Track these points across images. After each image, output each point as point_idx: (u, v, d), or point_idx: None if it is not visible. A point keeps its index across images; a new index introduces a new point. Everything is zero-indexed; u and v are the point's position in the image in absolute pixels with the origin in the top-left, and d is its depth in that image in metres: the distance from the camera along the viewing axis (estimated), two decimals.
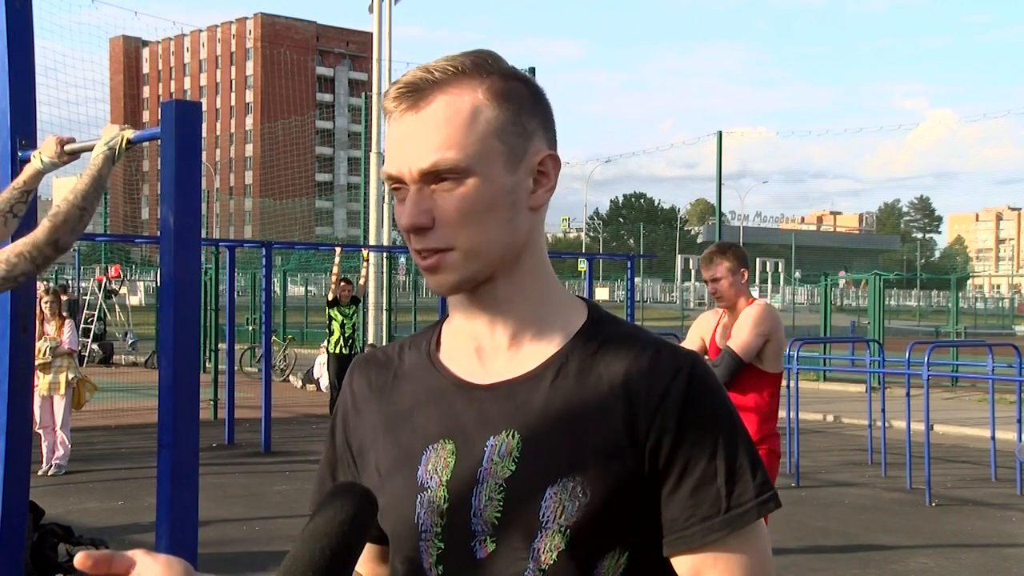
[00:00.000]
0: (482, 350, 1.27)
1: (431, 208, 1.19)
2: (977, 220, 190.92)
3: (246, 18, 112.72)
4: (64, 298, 12.07)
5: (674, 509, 1.19)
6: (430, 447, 1.25)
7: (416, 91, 1.20)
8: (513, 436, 1.21)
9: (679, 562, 1.21)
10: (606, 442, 1.19)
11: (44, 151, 3.33)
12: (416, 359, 1.33)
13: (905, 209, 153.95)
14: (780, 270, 66.16)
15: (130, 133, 3.20)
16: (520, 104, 1.23)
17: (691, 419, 1.19)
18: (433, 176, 1.19)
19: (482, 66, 1.22)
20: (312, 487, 1.40)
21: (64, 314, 10.25)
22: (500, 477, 1.20)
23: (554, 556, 1.17)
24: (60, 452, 9.90)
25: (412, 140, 1.20)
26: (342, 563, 1.05)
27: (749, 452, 1.23)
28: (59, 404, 9.89)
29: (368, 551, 1.36)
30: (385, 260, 20.01)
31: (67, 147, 3.34)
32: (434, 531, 1.22)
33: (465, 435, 1.24)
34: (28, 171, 3.34)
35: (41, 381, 9.62)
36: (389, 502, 1.26)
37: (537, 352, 1.26)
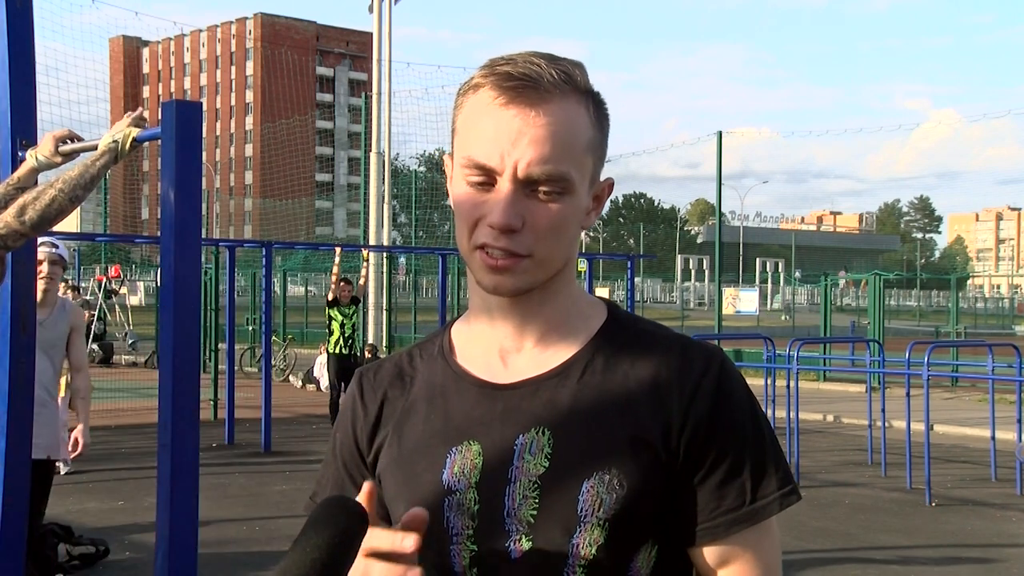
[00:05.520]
0: (506, 351, 1.27)
1: (523, 212, 1.17)
2: (977, 220, 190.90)
3: (246, 18, 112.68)
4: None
5: (700, 500, 1.21)
6: (453, 450, 1.24)
7: (538, 87, 1.17)
8: (543, 433, 1.21)
9: (703, 552, 1.22)
10: (638, 435, 1.20)
11: (41, 149, 3.35)
12: (430, 365, 1.32)
13: (905, 209, 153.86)
14: (780, 270, 66.24)
15: (136, 132, 3.20)
16: (607, 130, 1.25)
17: (722, 412, 1.22)
18: (536, 181, 1.17)
19: (585, 81, 1.22)
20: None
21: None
22: (533, 475, 1.20)
23: (593, 550, 1.17)
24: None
25: (527, 139, 1.16)
26: None
27: (773, 445, 1.26)
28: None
29: None
30: (385, 260, 20.01)
31: (62, 148, 3.35)
32: (466, 534, 1.21)
33: (491, 435, 1.23)
34: (24, 168, 3.36)
35: None
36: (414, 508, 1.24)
37: (561, 351, 1.26)
